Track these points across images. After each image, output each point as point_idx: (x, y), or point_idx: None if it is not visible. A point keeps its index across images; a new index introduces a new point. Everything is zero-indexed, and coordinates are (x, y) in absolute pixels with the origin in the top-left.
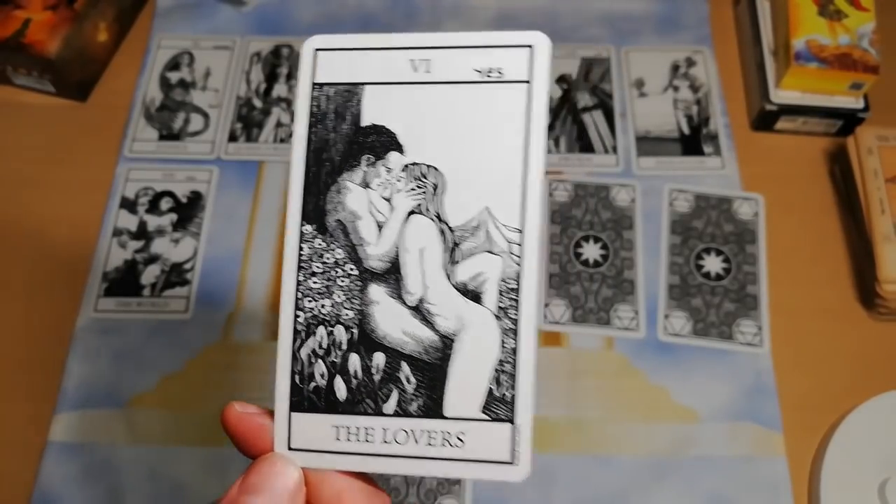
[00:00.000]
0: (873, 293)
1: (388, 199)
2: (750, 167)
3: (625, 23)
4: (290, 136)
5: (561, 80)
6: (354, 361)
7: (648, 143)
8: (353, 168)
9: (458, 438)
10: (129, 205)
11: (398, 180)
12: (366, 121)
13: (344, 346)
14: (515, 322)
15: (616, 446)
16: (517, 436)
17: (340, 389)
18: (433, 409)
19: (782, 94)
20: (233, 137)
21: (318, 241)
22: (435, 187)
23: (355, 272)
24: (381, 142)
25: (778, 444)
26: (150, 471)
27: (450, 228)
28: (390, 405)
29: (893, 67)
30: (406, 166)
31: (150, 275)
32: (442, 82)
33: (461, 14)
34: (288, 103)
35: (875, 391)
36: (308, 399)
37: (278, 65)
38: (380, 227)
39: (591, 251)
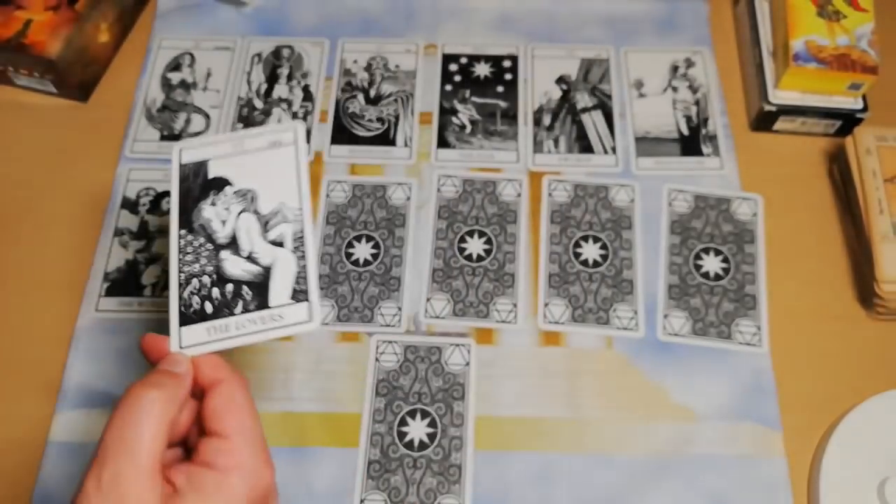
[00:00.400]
0: (872, 293)
1: (227, 209)
2: (749, 167)
3: (624, 24)
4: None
5: (560, 80)
6: (216, 292)
7: (647, 144)
8: (205, 198)
9: (279, 316)
10: (130, 205)
11: (231, 199)
12: (211, 175)
13: (209, 285)
14: (304, 253)
15: (615, 446)
16: (311, 307)
17: (209, 308)
18: (263, 304)
19: (781, 95)
20: None
21: (188, 237)
22: (252, 198)
23: (211, 247)
24: (220, 182)
25: (777, 443)
26: None
27: (262, 215)
28: (238, 308)
29: (892, 68)
30: (236, 191)
31: (151, 275)
32: (253, 151)
33: (460, 16)
34: (289, 104)
35: (874, 390)
36: (189, 318)
37: (279, 65)
38: (223, 223)
39: (591, 251)
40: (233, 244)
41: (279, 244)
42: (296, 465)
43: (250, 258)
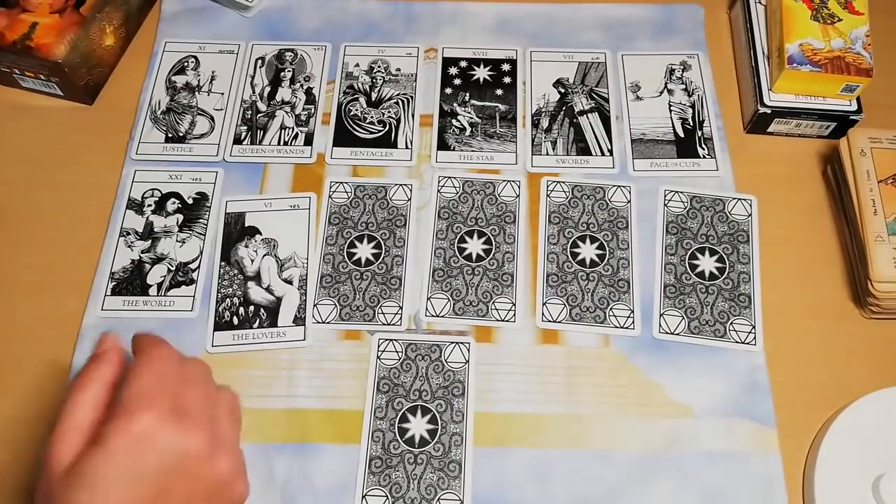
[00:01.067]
0: (865, 292)
1: (255, 251)
2: (744, 169)
3: (621, 27)
4: (293, 136)
5: (558, 83)
6: (241, 310)
7: (644, 146)
8: (241, 241)
9: (283, 333)
10: (135, 205)
11: (259, 244)
12: (247, 224)
13: (237, 304)
14: (305, 291)
15: (613, 442)
16: (306, 328)
17: (235, 321)
18: (273, 323)
19: (776, 97)
20: (237, 140)
21: (227, 268)
22: (275, 245)
23: (241, 278)
24: (252, 231)
25: (772, 440)
26: None
27: (280, 258)
28: (256, 324)
29: (886, 70)
30: (263, 238)
31: (156, 274)
32: (278, 210)
33: (460, 20)
34: (292, 107)
35: (868, 388)
36: (221, 326)
37: (282, 69)
38: (252, 261)
39: (588, 251)
40: (257, 277)
41: (289, 282)
42: (298, 462)
43: (268, 289)
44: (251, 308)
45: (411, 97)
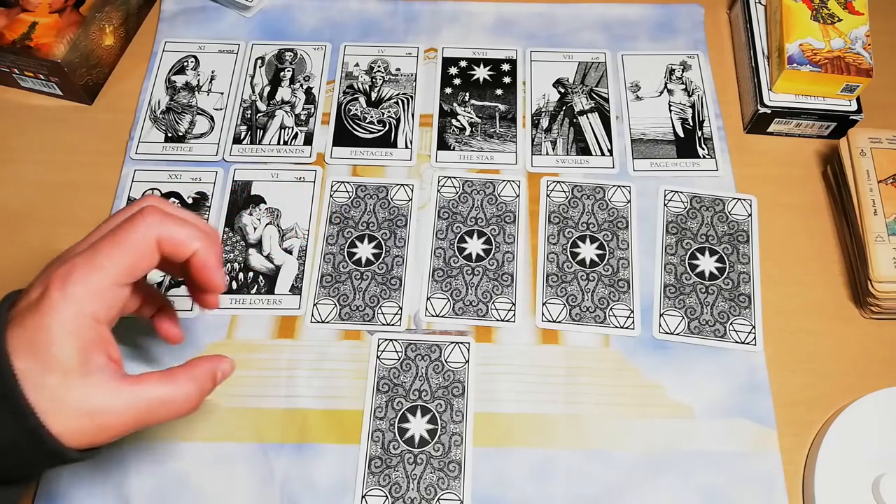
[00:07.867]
0: (866, 292)
1: (259, 220)
2: (744, 169)
3: (621, 27)
4: (293, 136)
5: (558, 83)
6: (240, 275)
7: (644, 146)
8: (246, 209)
9: (280, 301)
10: None
11: (263, 213)
12: (252, 192)
13: (237, 270)
14: (304, 262)
15: (612, 442)
16: (302, 298)
17: (234, 285)
18: (271, 290)
19: (776, 97)
20: (237, 140)
21: (230, 234)
22: (278, 215)
23: (243, 244)
24: (257, 199)
25: (772, 440)
26: (156, 466)
27: (282, 228)
28: (254, 290)
29: (886, 70)
30: (267, 207)
31: (156, 274)
32: (282, 181)
33: (460, 20)
34: (292, 106)
35: (868, 389)
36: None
37: (282, 68)
38: (255, 229)
39: (588, 251)
40: (258, 245)
41: (289, 252)
42: (298, 462)
43: (268, 257)
44: (251, 274)
45: (411, 97)
